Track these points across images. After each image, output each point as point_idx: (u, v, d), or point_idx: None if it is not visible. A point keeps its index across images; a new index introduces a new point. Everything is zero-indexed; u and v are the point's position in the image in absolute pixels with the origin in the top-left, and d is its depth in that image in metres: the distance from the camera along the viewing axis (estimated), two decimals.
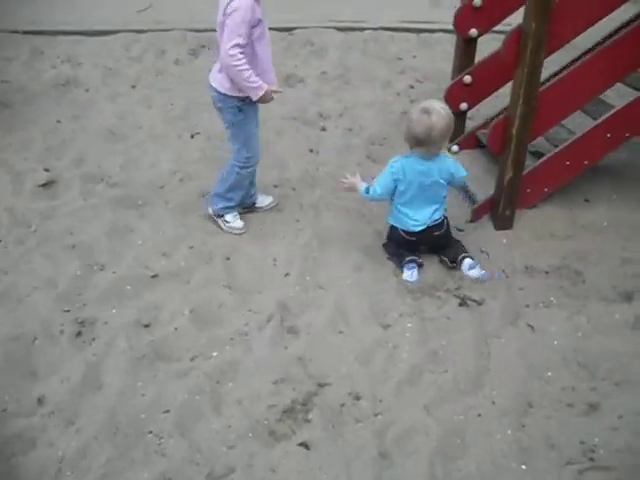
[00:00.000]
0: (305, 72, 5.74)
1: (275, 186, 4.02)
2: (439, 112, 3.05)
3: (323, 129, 4.80)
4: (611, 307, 3.09)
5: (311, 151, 4.47)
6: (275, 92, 3.27)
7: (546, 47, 3.04)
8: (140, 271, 3.30)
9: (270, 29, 3.28)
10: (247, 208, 3.73)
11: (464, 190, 3.83)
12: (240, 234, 3.58)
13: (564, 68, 3.79)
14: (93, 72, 5.76)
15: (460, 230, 3.59)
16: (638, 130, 3.52)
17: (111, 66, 5.89)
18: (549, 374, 2.74)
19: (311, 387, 2.67)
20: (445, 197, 3.35)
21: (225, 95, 3.27)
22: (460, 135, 4.06)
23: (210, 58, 5.73)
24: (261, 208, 3.78)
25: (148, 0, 7.38)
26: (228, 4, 3.04)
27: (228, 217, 3.59)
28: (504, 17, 3.92)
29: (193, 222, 3.70)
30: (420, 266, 3.32)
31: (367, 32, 6.71)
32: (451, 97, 3.93)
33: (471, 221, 3.64)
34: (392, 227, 3.40)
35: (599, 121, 3.45)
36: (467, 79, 3.87)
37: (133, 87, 5.54)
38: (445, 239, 3.38)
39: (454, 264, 3.31)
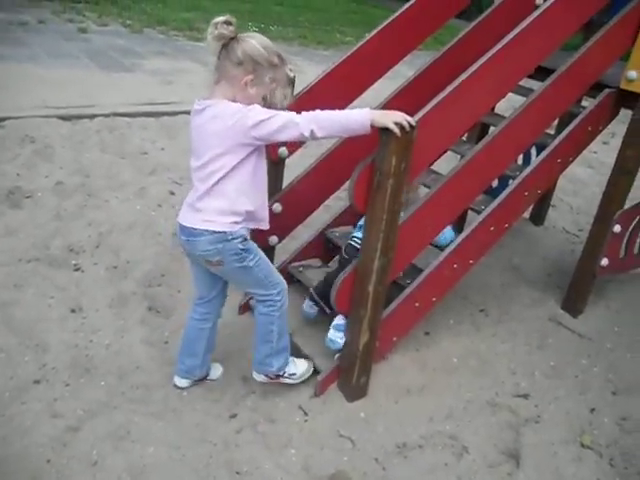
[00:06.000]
0: (33, 183, 4.39)
1: (36, 382, 2.73)
2: None
3: (78, 269, 3.61)
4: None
5: (73, 311, 3.23)
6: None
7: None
8: None
9: None
10: (196, 381, 2.83)
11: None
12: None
13: None
14: None
15: (305, 413, 2.77)
16: (480, 255, 3.09)
17: None
18: None
19: None
20: None
21: (225, 238, 2.35)
22: None
23: None
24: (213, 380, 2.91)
25: None
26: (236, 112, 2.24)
27: (290, 368, 2.75)
28: None
29: None
30: None
31: (98, 120, 5.60)
32: (257, 232, 3.07)
33: (316, 395, 2.84)
34: None
35: (446, 254, 2.93)
36: (277, 208, 3.06)
37: None
38: None
39: None
